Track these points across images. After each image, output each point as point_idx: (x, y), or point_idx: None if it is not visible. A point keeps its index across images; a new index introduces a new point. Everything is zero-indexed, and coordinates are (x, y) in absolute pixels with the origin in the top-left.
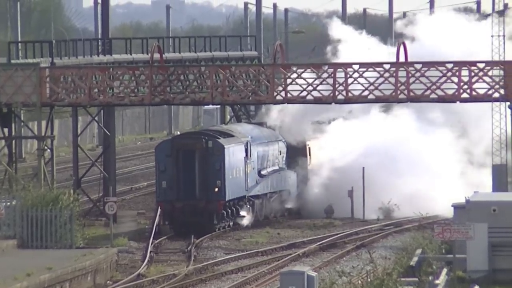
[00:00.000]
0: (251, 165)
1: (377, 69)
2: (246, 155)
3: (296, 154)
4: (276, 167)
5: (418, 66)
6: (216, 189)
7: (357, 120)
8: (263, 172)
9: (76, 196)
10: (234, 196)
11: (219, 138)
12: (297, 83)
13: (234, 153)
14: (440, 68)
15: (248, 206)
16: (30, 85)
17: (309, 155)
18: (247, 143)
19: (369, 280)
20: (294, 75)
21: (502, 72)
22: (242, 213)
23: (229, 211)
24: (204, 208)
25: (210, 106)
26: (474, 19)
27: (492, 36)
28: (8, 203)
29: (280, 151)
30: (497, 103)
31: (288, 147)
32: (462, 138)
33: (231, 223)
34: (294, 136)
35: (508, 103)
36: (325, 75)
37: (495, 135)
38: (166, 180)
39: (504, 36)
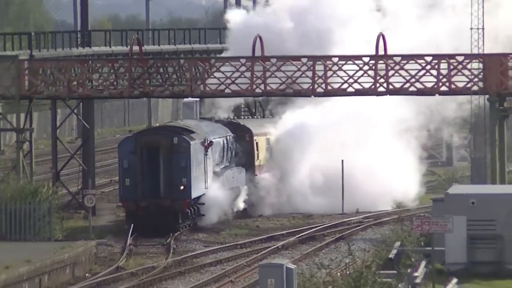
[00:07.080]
0: (209, 162)
1: (356, 62)
2: (206, 151)
3: (244, 149)
4: (227, 164)
5: (397, 59)
6: (182, 187)
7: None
8: (216, 169)
9: (55, 189)
10: (197, 195)
11: (183, 134)
12: (276, 76)
13: (197, 150)
14: (419, 61)
15: (207, 205)
16: (9, 77)
17: (257, 150)
18: (205, 139)
19: (348, 272)
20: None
21: (481, 65)
22: (202, 211)
23: (192, 210)
24: (169, 207)
25: (190, 99)
26: None
27: (471, 29)
28: None
29: (230, 147)
30: (476, 96)
31: (237, 143)
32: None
33: (191, 223)
34: (242, 130)
35: (487, 96)
36: (304, 68)
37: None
38: (129, 178)
39: (483, 29)
